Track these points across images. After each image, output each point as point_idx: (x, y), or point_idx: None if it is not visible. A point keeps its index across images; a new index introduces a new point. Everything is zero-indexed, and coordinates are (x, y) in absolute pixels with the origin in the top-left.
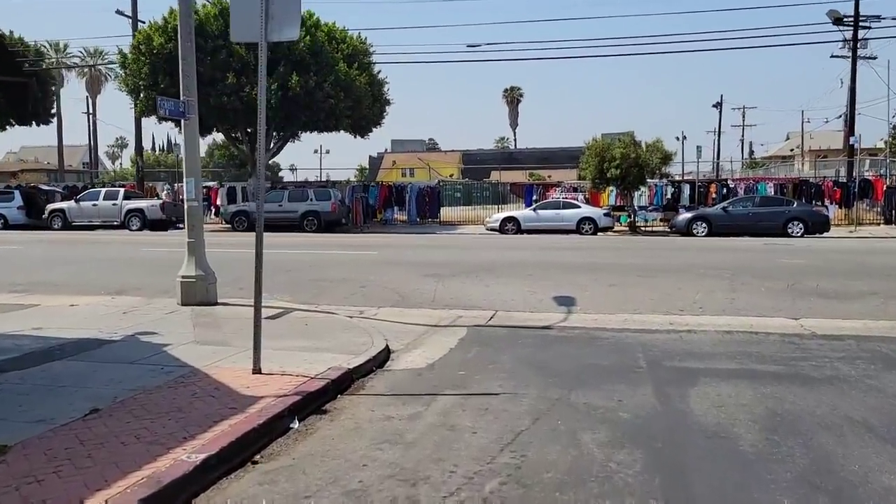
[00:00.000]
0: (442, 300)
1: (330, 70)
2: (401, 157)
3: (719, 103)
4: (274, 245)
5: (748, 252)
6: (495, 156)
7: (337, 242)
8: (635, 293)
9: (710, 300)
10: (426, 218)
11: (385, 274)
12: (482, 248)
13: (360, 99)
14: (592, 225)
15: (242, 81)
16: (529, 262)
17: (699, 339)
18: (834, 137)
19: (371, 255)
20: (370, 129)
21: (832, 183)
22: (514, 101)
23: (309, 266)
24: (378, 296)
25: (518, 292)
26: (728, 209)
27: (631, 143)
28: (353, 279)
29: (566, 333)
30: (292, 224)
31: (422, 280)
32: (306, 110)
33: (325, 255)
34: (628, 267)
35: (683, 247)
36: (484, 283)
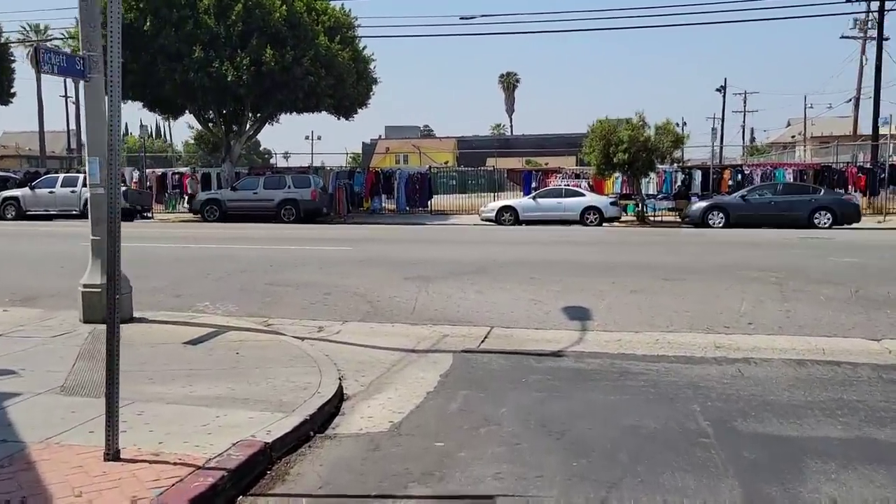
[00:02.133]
0: (424, 312)
1: (309, 44)
2: (395, 143)
3: (723, 87)
4: (236, 239)
5: (786, 248)
6: (491, 142)
7: (312, 236)
8: (664, 303)
9: (761, 313)
10: (416, 207)
11: (359, 276)
12: (476, 243)
13: (342, 76)
14: (598, 215)
15: (211, 56)
16: (531, 261)
17: (765, 374)
18: (836, 124)
19: (346, 252)
20: (355, 110)
21: (857, 169)
22: (511, 86)
23: (270, 265)
24: (345, 306)
25: (519, 301)
26: (747, 198)
27: (640, 125)
28: (319, 283)
29: (586, 364)
30: (268, 214)
31: (402, 284)
32: (283, 88)
33: (294, 252)
34: (649, 267)
35: (707, 241)
36: (477, 287)
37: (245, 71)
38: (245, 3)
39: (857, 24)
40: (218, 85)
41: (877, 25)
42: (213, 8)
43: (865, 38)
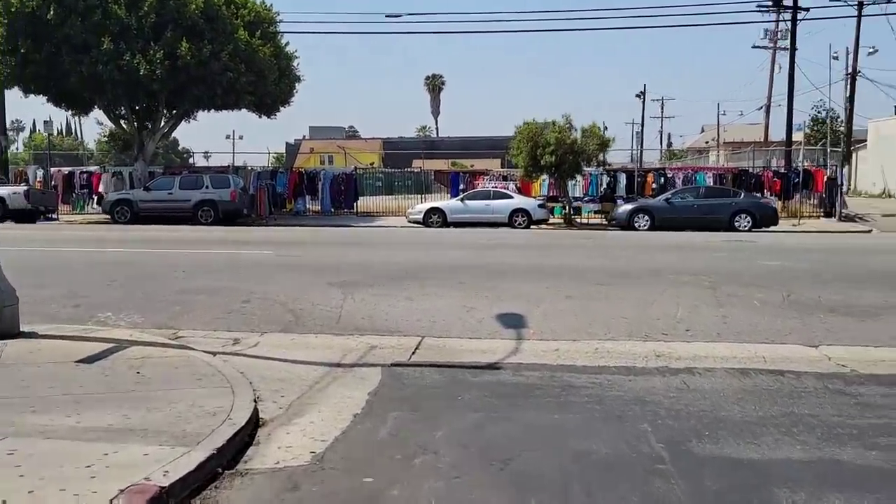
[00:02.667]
0: (351, 321)
1: (228, 39)
2: (319, 143)
3: (643, 92)
4: (147, 241)
5: (714, 252)
6: (417, 144)
7: (230, 238)
8: (600, 309)
9: (697, 319)
10: (342, 208)
11: (280, 281)
12: (404, 246)
13: (263, 73)
14: (526, 217)
15: (121, 48)
16: (462, 265)
17: (711, 386)
18: (747, 130)
19: (267, 256)
20: (277, 108)
21: (772, 173)
22: (436, 88)
23: (184, 271)
24: (264, 315)
25: (451, 308)
26: (672, 201)
27: (567, 127)
28: (237, 289)
29: (525, 378)
30: (185, 215)
31: (326, 291)
32: (200, 84)
33: (209, 256)
34: (582, 271)
35: (636, 244)
36: (406, 293)
37: (158, 65)
38: None
39: (767, 35)
40: (129, 79)
41: (789, 35)
42: None
43: (776, 48)
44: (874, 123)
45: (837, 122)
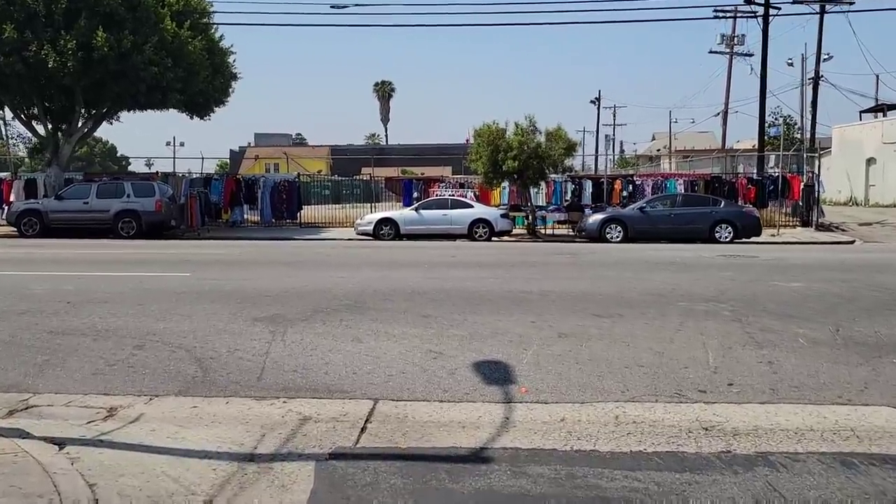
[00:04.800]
0: (278, 374)
1: (152, 29)
2: (265, 150)
3: (597, 99)
4: (40, 262)
5: (716, 270)
6: (366, 151)
7: (145, 256)
8: (606, 351)
9: (736, 365)
10: (283, 218)
11: (190, 316)
12: (352, 265)
13: (194, 68)
14: (487, 228)
15: (27, 37)
16: (423, 290)
17: (815, 493)
18: (698, 138)
19: (182, 280)
20: (210, 108)
21: (746, 180)
22: (386, 95)
23: (69, 302)
24: (161, 366)
25: (413, 353)
26: (646, 210)
27: (530, 129)
28: (130, 329)
29: (530, 479)
30: (103, 227)
31: (249, 329)
32: (120, 79)
33: (110, 281)
34: (570, 298)
35: (619, 261)
36: (353, 332)
37: (70, 56)
38: None
39: (724, 40)
40: (37, 73)
41: (761, 36)
42: None
43: (732, 54)
44: (839, 129)
45: (794, 128)
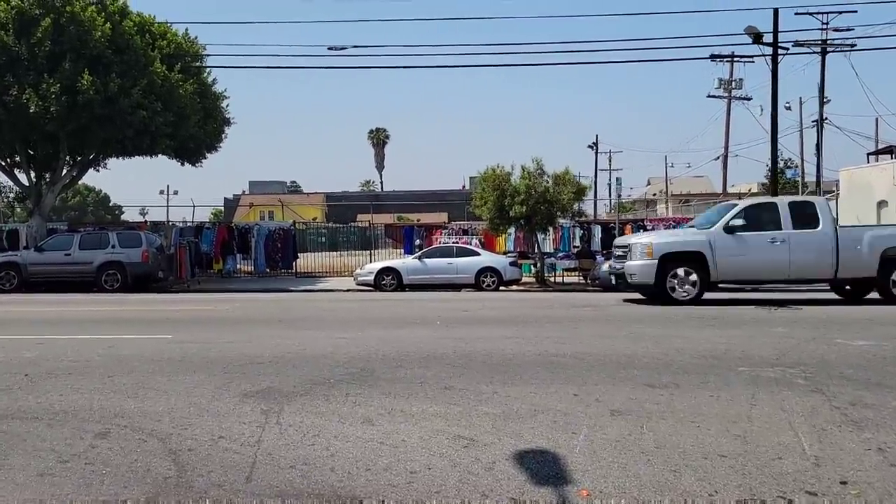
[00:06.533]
0: (272, 472)
1: (141, 72)
2: (259, 198)
3: (595, 144)
4: (6, 323)
5: (766, 325)
6: (361, 198)
7: (123, 315)
8: (673, 435)
9: (839, 454)
10: (278, 268)
11: (168, 391)
12: (354, 322)
13: (185, 112)
14: (496, 277)
15: (8, 80)
16: (440, 354)
17: None
18: (694, 183)
19: (161, 344)
20: (202, 154)
21: None
22: (380, 142)
23: (27, 374)
24: (126, 461)
25: (438, 439)
26: None
27: (537, 173)
28: (94, 410)
29: None
30: (86, 280)
31: (237, 407)
32: (106, 124)
33: (81, 345)
34: (611, 362)
35: (652, 315)
36: (362, 410)
37: (53, 100)
38: (55, 19)
39: (721, 84)
40: (17, 117)
41: (770, 76)
42: (14, 23)
43: (730, 98)
44: (846, 171)
45: (795, 171)
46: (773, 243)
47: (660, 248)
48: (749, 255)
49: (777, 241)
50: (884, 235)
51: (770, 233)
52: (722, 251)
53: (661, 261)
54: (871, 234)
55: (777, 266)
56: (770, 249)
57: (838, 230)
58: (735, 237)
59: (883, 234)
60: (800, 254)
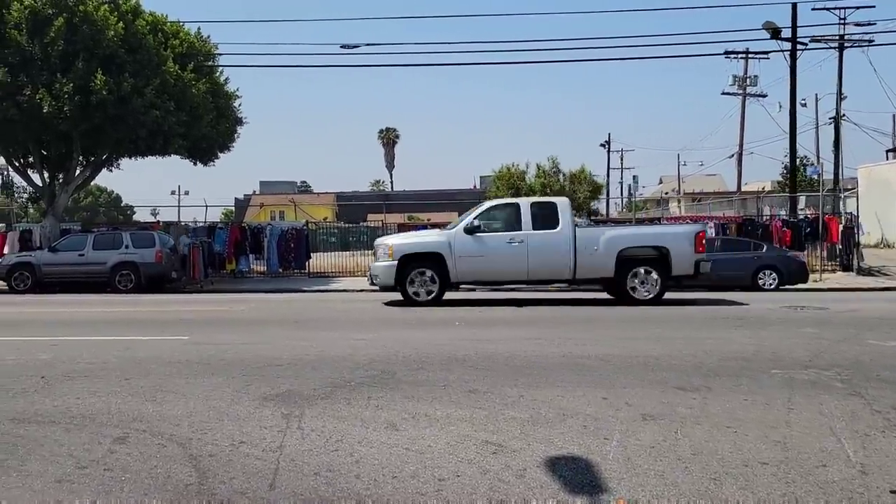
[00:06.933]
0: (294, 480)
1: (154, 71)
2: (270, 198)
3: (607, 142)
4: (22, 324)
5: (792, 325)
6: (371, 197)
7: (138, 316)
8: (709, 440)
9: (884, 459)
10: (291, 268)
11: (186, 394)
12: (371, 323)
13: (198, 112)
14: None
15: (21, 80)
16: (461, 356)
17: None
18: (706, 181)
19: (178, 345)
20: (215, 154)
21: (781, 223)
22: (390, 142)
23: (41, 377)
24: (146, 467)
25: (465, 444)
26: None
27: (553, 171)
28: (112, 413)
29: None
30: (100, 281)
31: (258, 411)
32: (119, 124)
33: (97, 346)
34: (638, 364)
35: (673, 316)
36: (385, 414)
37: (67, 100)
38: (68, 19)
39: (736, 81)
40: (30, 118)
41: (788, 72)
42: (27, 23)
43: (745, 95)
44: (865, 169)
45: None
46: (511, 244)
47: (400, 249)
48: (487, 255)
49: (515, 241)
50: (620, 236)
51: (509, 233)
52: (461, 252)
53: (402, 262)
54: (608, 235)
55: (515, 267)
56: (508, 250)
57: (576, 231)
58: (475, 238)
59: (620, 234)
60: (538, 255)
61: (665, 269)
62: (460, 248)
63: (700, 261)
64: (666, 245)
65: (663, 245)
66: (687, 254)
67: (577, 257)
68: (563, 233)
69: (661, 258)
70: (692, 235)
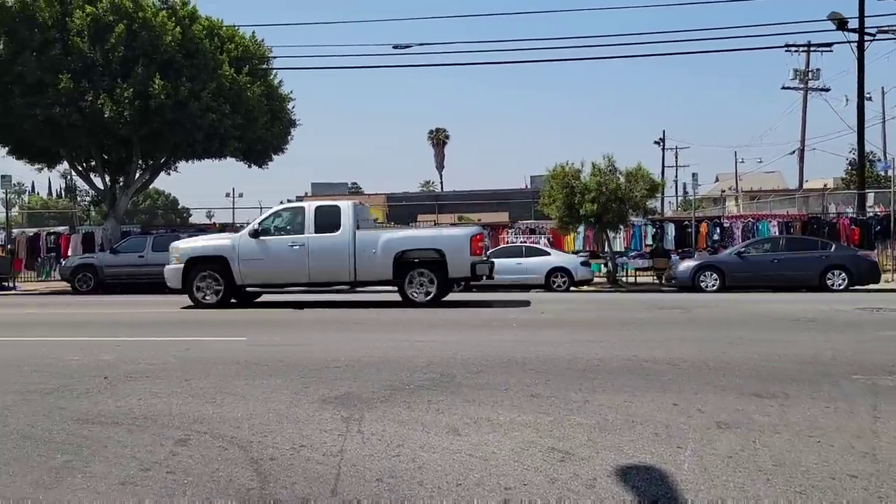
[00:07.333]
0: (356, 486)
1: (210, 75)
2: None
3: (662, 140)
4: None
5: (871, 328)
6: (422, 198)
7: (196, 317)
8: (794, 452)
9: None
10: None
11: (246, 396)
12: (426, 324)
13: (253, 115)
14: (567, 277)
15: (84, 86)
16: (521, 358)
17: None
18: (765, 179)
19: (236, 345)
20: (269, 156)
21: (849, 221)
22: (440, 142)
23: (104, 377)
24: (208, 471)
25: (530, 451)
26: (745, 255)
27: (609, 169)
28: (173, 415)
29: None
30: (159, 282)
31: (316, 414)
32: (177, 128)
33: (158, 347)
34: (709, 368)
35: (740, 317)
36: (446, 418)
37: (127, 105)
38: (128, 25)
39: (797, 75)
40: (92, 123)
41: (856, 65)
42: (89, 30)
43: (807, 89)
44: None
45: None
46: (292, 247)
47: (186, 253)
48: (270, 259)
49: (296, 245)
50: (398, 239)
51: (291, 237)
52: (246, 255)
53: (188, 265)
54: (385, 238)
55: (296, 270)
56: (290, 253)
57: (356, 234)
58: (258, 241)
59: (397, 237)
60: (318, 258)
61: (442, 272)
62: (245, 251)
63: (476, 263)
64: (442, 248)
65: (439, 248)
66: (463, 256)
67: (356, 260)
68: (343, 236)
69: (438, 261)
70: (468, 238)
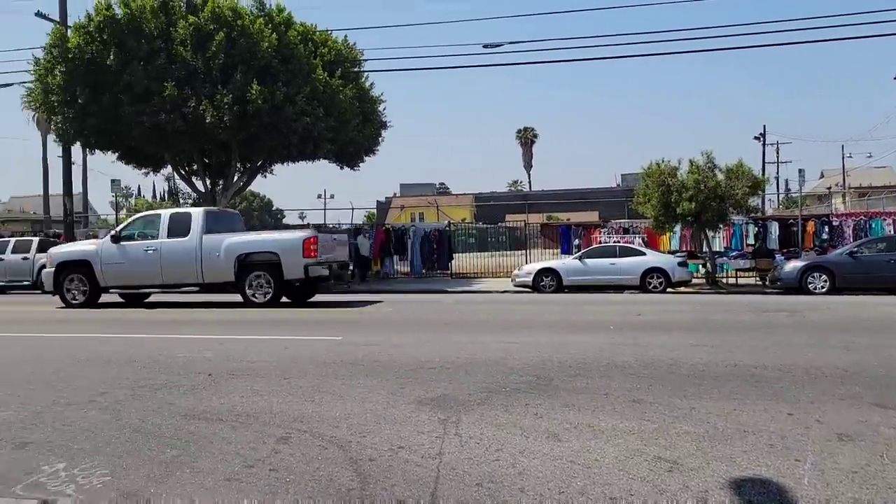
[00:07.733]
0: (455, 489)
1: (305, 80)
2: (410, 201)
3: (762, 135)
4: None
5: None
6: (510, 198)
7: (289, 316)
8: None
9: None
10: (434, 269)
11: (343, 396)
12: (520, 325)
13: (345, 117)
14: (663, 278)
15: (187, 93)
16: (620, 362)
17: None
18: (875, 175)
19: (332, 345)
20: (360, 158)
21: None
22: (528, 141)
23: (208, 374)
24: (309, 469)
25: (635, 460)
26: (858, 255)
27: (708, 167)
28: (274, 413)
29: None
30: None
31: (413, 415)
32: (273, 131)
33: (256, 346)
34: (825, 376)
35: (854, 319)
36: (545, 423)
37: (227, 111)
38: (228, 33)
39: None
40: (195, 128)
41: None
42: (191, 39)
43: None
44: None
45: None
46: (147, 251)
47: (57, 258)
48: (127, 262)
49: (150, 249)
50: (238, 242)
51: (145, 242)
52: (107, 259)
53: (58, 268)
54: (228, 242)
55: (150, 273)
56: (145, 257)
57: (203, 239)
58: (119, 246)
59: (237, 241)
60: (170, 261)
61: (278, 274)
62: (107, 255)
63: (310, 265)
64: (277, 251)
65: (275, 251)
66: (297, 259)
67: (203, 263)
68: (192, 241)
69: (275, 263)
70: (301, 241)
